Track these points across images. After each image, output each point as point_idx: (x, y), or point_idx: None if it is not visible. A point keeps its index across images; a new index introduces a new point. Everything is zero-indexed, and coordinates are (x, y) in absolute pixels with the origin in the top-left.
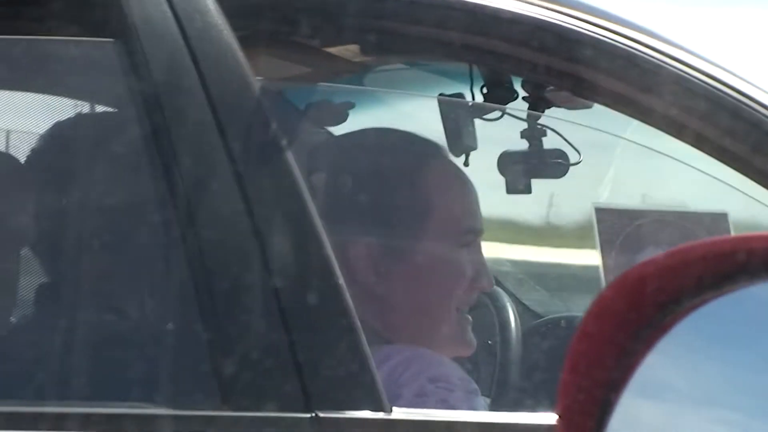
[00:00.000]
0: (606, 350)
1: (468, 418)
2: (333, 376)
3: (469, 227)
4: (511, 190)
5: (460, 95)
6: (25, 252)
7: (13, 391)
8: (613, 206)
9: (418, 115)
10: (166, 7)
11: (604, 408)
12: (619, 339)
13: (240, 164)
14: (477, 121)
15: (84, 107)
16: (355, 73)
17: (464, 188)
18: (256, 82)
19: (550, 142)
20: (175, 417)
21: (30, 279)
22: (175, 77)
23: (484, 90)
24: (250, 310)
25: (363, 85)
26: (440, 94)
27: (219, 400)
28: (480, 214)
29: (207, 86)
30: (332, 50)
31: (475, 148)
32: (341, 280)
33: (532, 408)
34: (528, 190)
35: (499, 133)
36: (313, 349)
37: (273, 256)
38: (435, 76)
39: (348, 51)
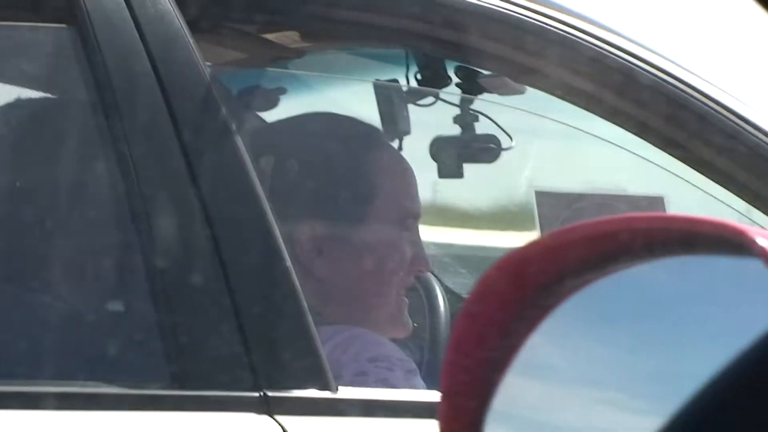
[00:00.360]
0: (489, 330)
1: (411, 398)
2: (281, 355)
3: (410, 211)
4: (443, 174)
5: (395, 80)
6: None
7: None
8: (552, 190)
9: (353, 99)
10: None
11: (487, 388)
12: (502, 319)
13: (190, 148)
14: (411, 107)
15: (35, 93)
16: (293, 59)
17: (405, 173)
18: (206, 67)
19: (482, 127)
20: (124, 396)
21: None
22: (127, 63)
23: (419, 75)
24: (199, 290)
25: (300, 70)
26: (376, 80)
27: (168, 380)
28: (419, 198)
29: (158, 72)
30: (270, 36)
31: (408, 133)
32: (289, 263)
33: None
34: (460, 174)
35: (432, 119)
36: (262, 328)
37: (222, 237)
38: (372, 61)
39: (286, 37)
